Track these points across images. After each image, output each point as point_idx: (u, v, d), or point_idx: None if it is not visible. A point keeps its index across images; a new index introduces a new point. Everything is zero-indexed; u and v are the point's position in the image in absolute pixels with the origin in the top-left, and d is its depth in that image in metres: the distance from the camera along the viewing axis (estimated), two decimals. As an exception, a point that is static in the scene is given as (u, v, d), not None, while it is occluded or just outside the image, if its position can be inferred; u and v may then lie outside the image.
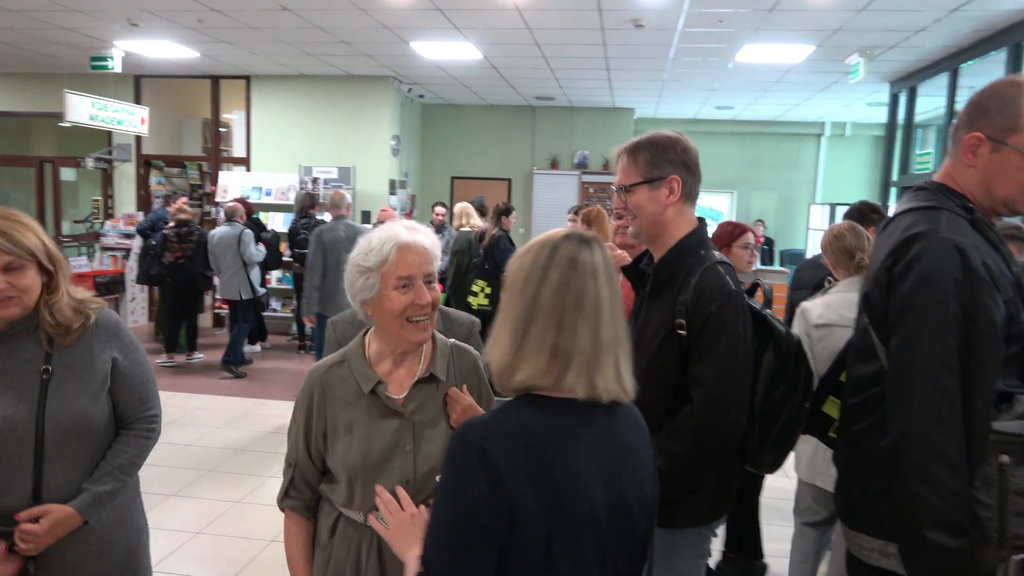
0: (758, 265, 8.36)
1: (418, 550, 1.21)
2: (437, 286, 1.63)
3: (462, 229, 7.02)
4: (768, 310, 2.04)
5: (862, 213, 3.33)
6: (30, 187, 10.23)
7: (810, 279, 3.46)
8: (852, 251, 2.84)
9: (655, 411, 1.81)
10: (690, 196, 1.92)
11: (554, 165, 11.16)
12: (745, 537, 3.36)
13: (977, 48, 6.38)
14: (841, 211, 8.93)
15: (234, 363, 7.19)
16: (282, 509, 1.68)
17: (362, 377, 1.61)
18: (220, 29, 6.99)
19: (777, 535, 3.74)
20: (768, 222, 11.01)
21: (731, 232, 3.36)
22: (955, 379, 1.39)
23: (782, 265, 10.53)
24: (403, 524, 1.35)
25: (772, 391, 1.89)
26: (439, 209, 8.60)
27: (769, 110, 10.46)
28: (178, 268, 7.24)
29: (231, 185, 9.10)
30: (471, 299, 6.32)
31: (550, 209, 10.91)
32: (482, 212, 8.04)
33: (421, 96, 10.61)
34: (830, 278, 2.99)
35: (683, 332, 1.80)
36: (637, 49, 7.12)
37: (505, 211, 6.52)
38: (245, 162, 9.61)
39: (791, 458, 2.96)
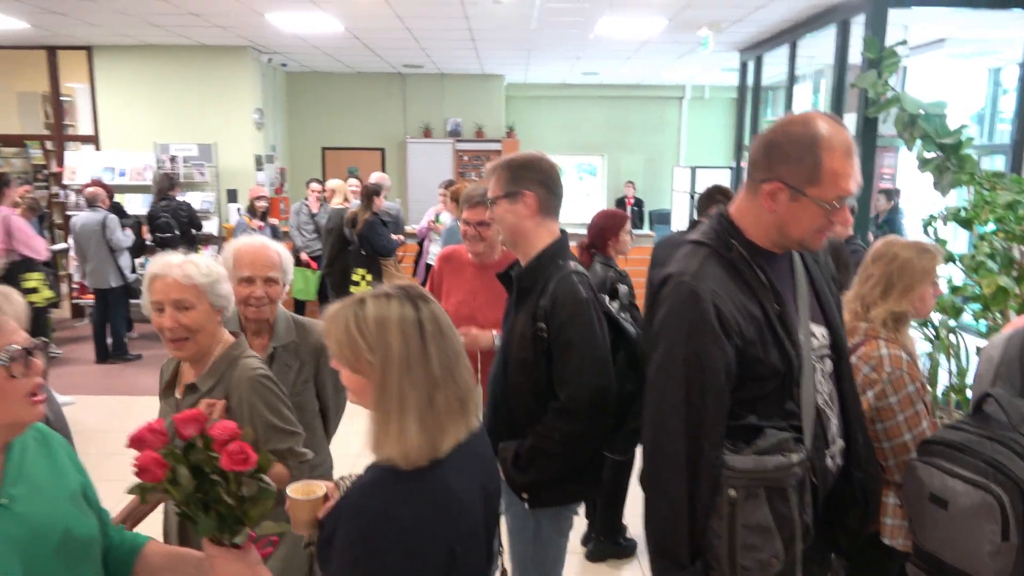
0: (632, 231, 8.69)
1: None
2: (190, 315, 1.83)
3: (335, 206, 6.89)
4: (623, 314, 2.28)
5: (710, 196, 3.74)
6: None
7: (668, 258, 3.69)
8: None
9: (528, 399, 2.07)
10: (548, 210, 2.13)
11: (427, 133, 11.09)
12: (607, 520, 3.61)
13: (812, 23, 6.83)
14: (701, 175, 9.44)
15: (124, 352, 7.18)
16: None
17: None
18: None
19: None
20: (636, 183, 11.44)
21: (613, 225, 3.55)
22: (680, 421, 1.48)
23: (651, 225, 11.02)
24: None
25: (624, 385, 2.11)
26: (314, 187, 8.30)
27: (633, 74, 10.79)
28: None
29: (81, 166, 8.48)
30: (353, 289, 6.24)
31: (425, 177, 10.83)
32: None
33: (284, 65, 10.21)
34: None
35: (544, 335, 2.01)
36: (499, 21, 7.15)
37: (375, 191, 6.36)
38: (94, 140, 8.97)
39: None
